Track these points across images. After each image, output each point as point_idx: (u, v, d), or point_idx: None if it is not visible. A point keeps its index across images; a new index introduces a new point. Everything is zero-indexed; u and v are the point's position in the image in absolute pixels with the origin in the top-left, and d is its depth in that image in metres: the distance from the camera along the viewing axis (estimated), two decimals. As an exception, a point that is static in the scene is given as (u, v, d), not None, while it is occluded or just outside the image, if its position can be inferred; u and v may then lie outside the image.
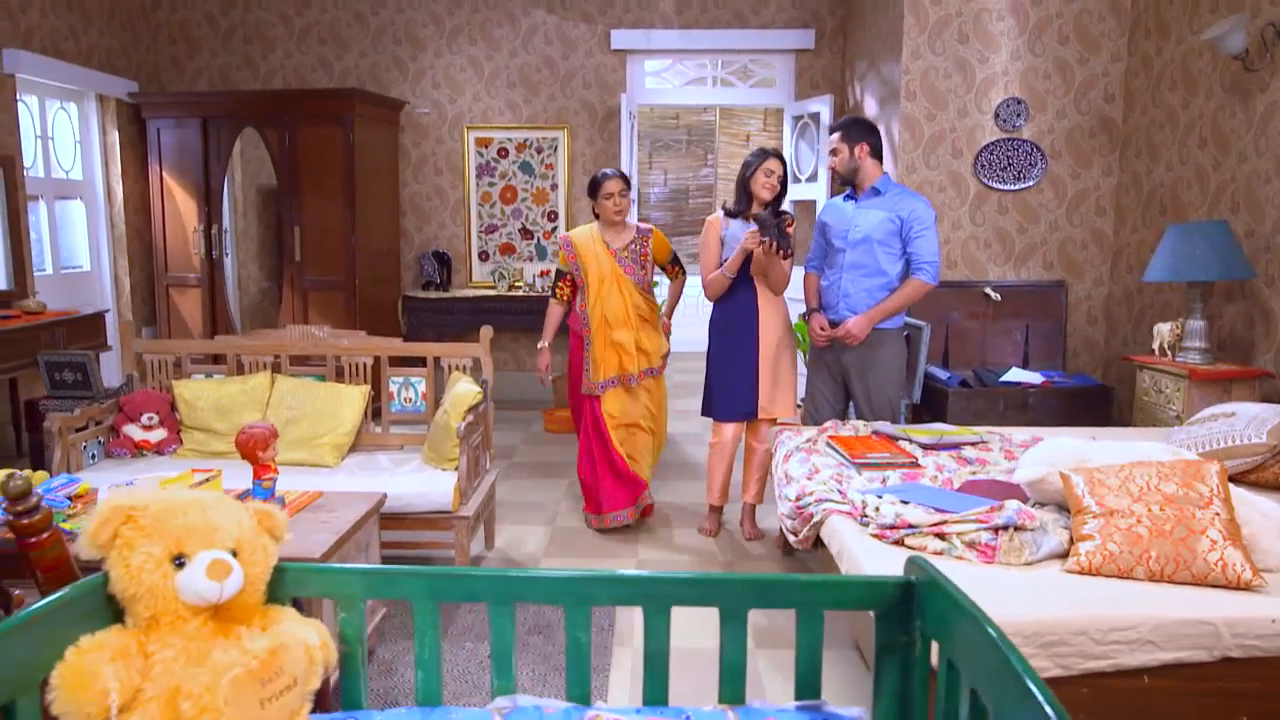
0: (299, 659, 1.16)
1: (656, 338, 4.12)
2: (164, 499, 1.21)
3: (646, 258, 4.06)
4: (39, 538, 1.18)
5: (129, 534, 1.17)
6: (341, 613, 1.28)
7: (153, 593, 1.15)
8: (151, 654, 1.11)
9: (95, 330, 5.12)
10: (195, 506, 1.21)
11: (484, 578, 1.31)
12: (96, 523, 1.17)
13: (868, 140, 3.68)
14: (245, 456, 2.66)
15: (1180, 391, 3.88)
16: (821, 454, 3.26)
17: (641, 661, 1.29)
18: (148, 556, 1.15)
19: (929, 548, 2.33)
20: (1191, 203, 4.47)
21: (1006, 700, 0.91)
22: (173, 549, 1.17)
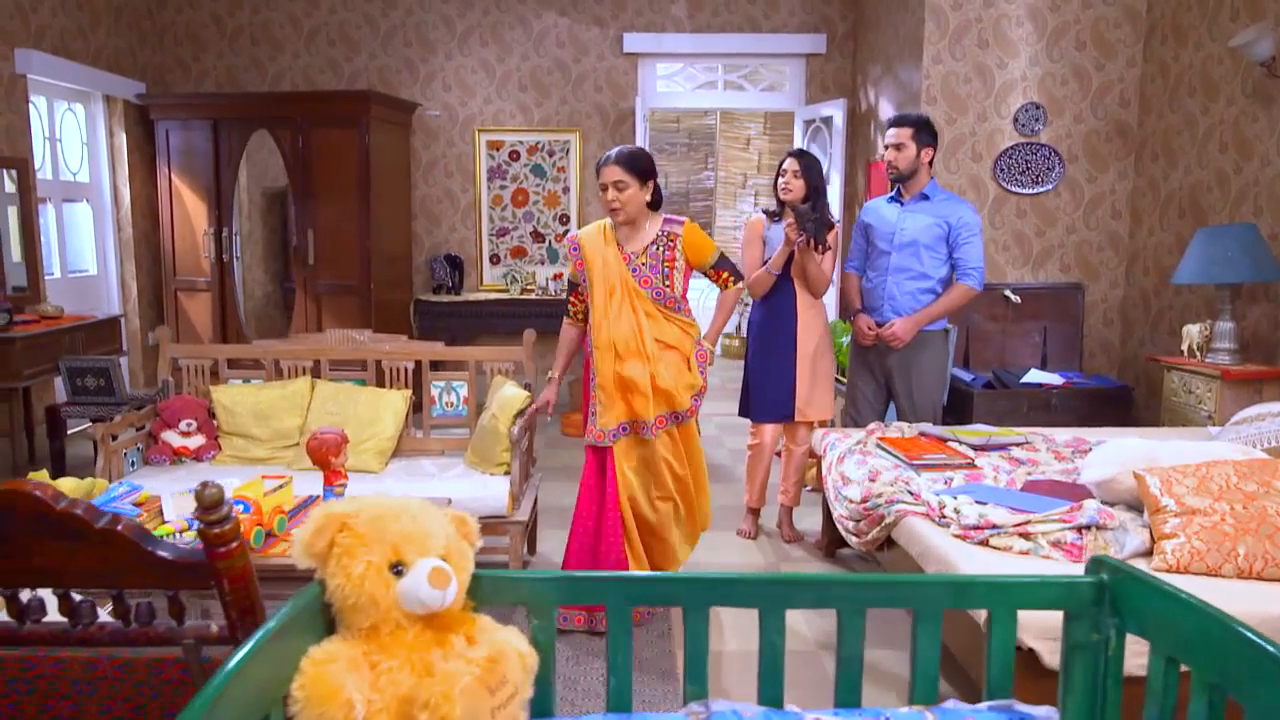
0: (516, 666, 1.15)
1: (683, 371, 3.09)
2: (374, 505, 1.19)
3: (673, 263, 3.06)
4: (228, 548, 1.16)
5: (346, 542, 1.15)
6: (534, 619, 1.27)
7: (374, 602, 1.13)
8: (376, 664, 1.10)
9: (111, 335, 5.03)
10: (406, 513, 1.19)
11: (680, 581, 1.31)
12: (312, 531, 1.15)
13: (934, 145, 3.72)
14: (317, 462, 2.63)
15: (1212, 392, 3.95)
16: (875, 456, 3.28)
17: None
18: (368, 565, 1.14)
19: (1014, 547, 2.35)
20: (1212, 206, 4.55)
21: (1259, 690, 0.92)
22: (390, 556, 1.15)
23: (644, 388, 3.01)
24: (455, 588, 1.17)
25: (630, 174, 2.95)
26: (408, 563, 1.16)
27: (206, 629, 1.26)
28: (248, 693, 0.95)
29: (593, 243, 3.12)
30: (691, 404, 3.11)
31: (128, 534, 1.18)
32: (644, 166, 3.00)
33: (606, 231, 3.12)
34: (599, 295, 3.06)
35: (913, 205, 3.75)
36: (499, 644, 1.16)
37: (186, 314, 6.29)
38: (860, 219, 4.01)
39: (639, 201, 3.00)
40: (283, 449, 3.74)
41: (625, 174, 2.95)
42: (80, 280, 6.00)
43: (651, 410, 3.03)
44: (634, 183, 2.96)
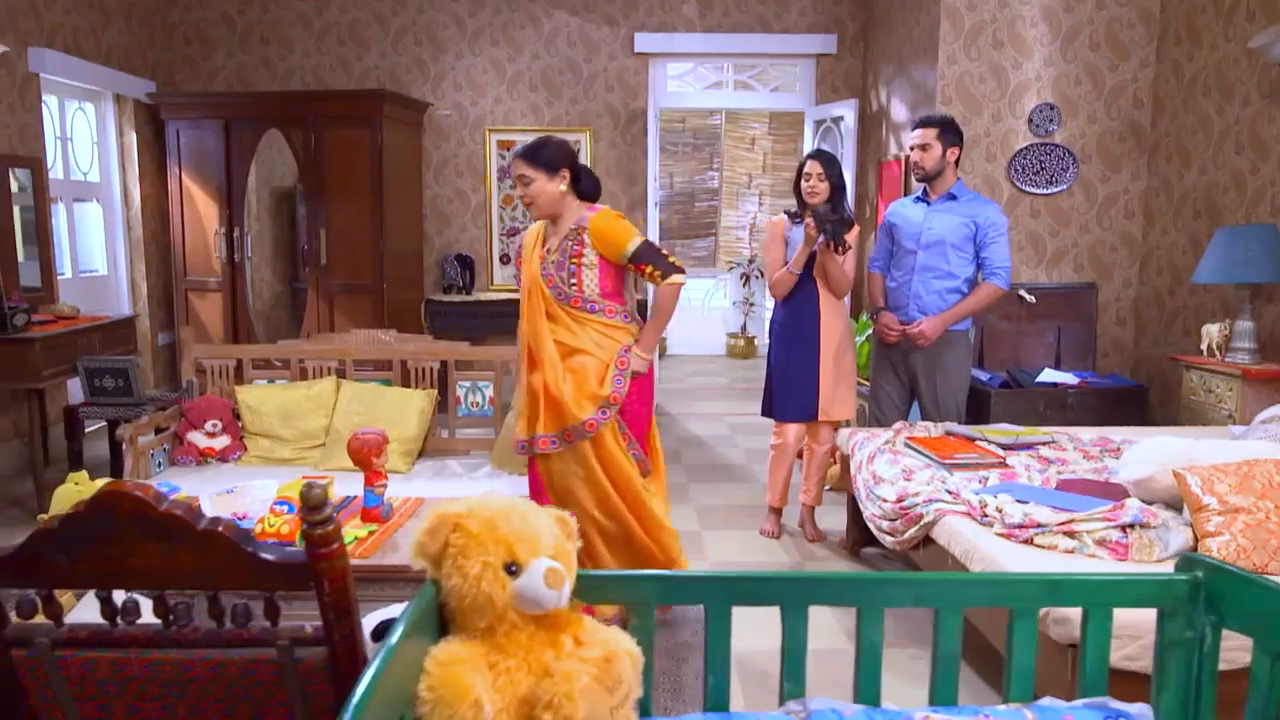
0: (628, 666, 1.15)
1: (585, 381, 2.82)
2: (484, 505, 1.19)
3: (580, 258, 2.82)
4: (330, 548, 1.16)
5: (460, 542, 1.15)
6: (633, 619, 1.27)
7: (491, 602, 1.13)
8: (494, 664, 1.09)
9: (126, 335, 5.01)
10: (515, 512, 1.19)
11: (777, 580, 1.32)
12: (426, 533, 1.15)
13: (959, 145, 3.74)
14: (358, 462, 2.63)
15: (1233, 391, 3.97)
16: (906, 455, 3.29)
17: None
18: (484, 565, 1.14)
19: (1060, 546, 2.36)
20: (1228, 207, 4.58)
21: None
22: (505, 556, 1.15)
23: (538, 397, 2.84)
24: (569, 587, 1.17)
25: (533, 166, 2.79)
26: (522, 563, 1.16)
27: (301, 630, 1.25)
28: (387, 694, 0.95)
29: (529, 241, 3.00)
30: (588, 418, 2.79)
31: (229, 535, 1.18)
32: (548, 157, 2.81)
33: (543, 229, 2.99)
34: (522, 296, 2.97)
35: (940, 205, 3.77)
36: (610, 643, 1.16)
37: (197, 314, 6.26)
38: (885, 219, 4.02)
39: (550, 194, 2.82)
40: (308, 449, 3.73)
41: (528, 167, 2.80)
42: (90, 280, 5.97)
43: (539, 425, 2.83)
44: (539, 175, 2.79)
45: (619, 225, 2.87)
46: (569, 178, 2.85)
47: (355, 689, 0.85)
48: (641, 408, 3.00)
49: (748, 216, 9.72)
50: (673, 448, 5.69)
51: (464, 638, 1.15)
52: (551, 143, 2.86)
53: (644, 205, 6.85)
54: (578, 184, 2.89)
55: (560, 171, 2.82)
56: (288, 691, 1.29)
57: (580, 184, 2.90)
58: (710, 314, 9.78)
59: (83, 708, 1.31)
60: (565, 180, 2.84)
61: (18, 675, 1.28)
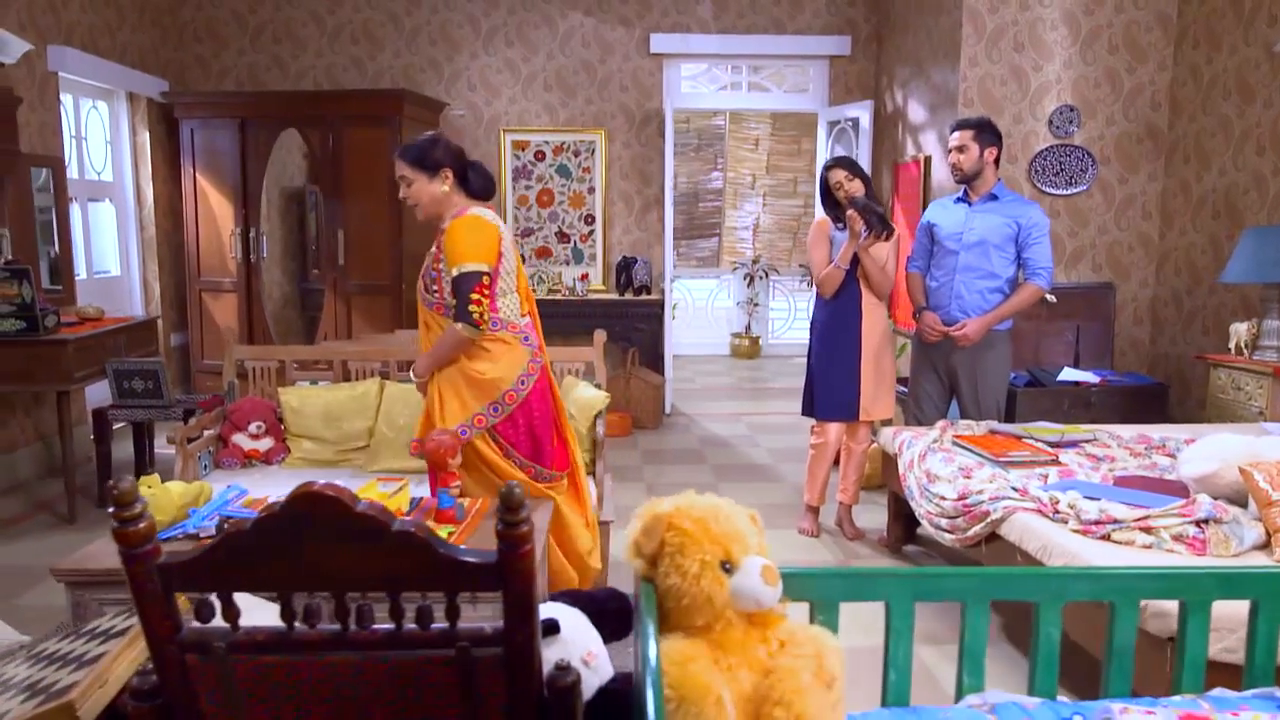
0: (837, 661, 1.16)
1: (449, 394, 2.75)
2: (693, 504, 1.19)
3: (439, 264, 2.74)
4: (524, 549, 1.16)
5: (677, 541, 1.15)
6: (819, 616, 1.28)
7: (710, 600, 1.13)
8: (717, 661, 1.10)
9: (149, 337, 4.96)
10: (721, 512, 1.19)
11: (961, 576, 1.33)
12: (642, 532, 1.15)
13: (997, 146, 3.77)
14: (434, 464, 2.62)
15: (1263, 389, 4.04)
16: (958, 453, 3.32)
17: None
18: (703, 564, 1.14)
19: (1136, 541, 2.40)
20: (1249, 208, 4.66)
21: None
22: (720, 555, 1.16)
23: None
24: (781, 585, 1.18)
25: (412, 167, 2.71)
26: (735, 561, 1.17)
27: (481, 630, 1.25)
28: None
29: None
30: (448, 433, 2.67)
31: (422, 536, 1.17)
32: (427, 158, 2.71)
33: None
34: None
35: (981, 205, 3.80)
36: (819, 640, 1.17)
37: (211, 315, 6.20)
38: (924, 220, 4.05)
39: (431, 195, 2.73)
40: (352, 451, 3.71)
41: (407, 168, 2.72)
42: (103, 281, 5.90)
43: (419, 428, 2.80)
44: (419, 176, 2.70)
45: (466, 241, 2.65)
46: (452, 177, 2.74)
47: (643, 697, 0.85)
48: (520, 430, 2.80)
49: (751, 217, 9.76)
50: (695, 448, 5.71)
51: (683, 635, 1.15)
52: (430, 143, 2.75)
53: (658, 206, 6.86)
54: (465, 183, 2.78)
55: (441, 171, 2.72)
56: (460, 692, 1.28)
57: (469, 183, 2.78)
58: (714, 314, 9.81)
59: (251, 711, 1.30)
60: (448, 180, 2.74)
61: (190, 679, 1.27)
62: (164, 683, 1.28)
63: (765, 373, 8.45)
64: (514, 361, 2.77)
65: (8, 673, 1.68)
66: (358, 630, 1.25)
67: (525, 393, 2.78)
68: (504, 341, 2.77)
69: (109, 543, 2.48)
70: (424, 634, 1.25)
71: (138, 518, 1.17)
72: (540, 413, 2.85)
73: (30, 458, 4.90)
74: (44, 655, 1.66)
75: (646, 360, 6.34)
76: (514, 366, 2.76)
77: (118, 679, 1.50)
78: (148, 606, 1.22)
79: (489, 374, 2.73)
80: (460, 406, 2.74)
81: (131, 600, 1.22)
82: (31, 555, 3.81)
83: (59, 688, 1.42)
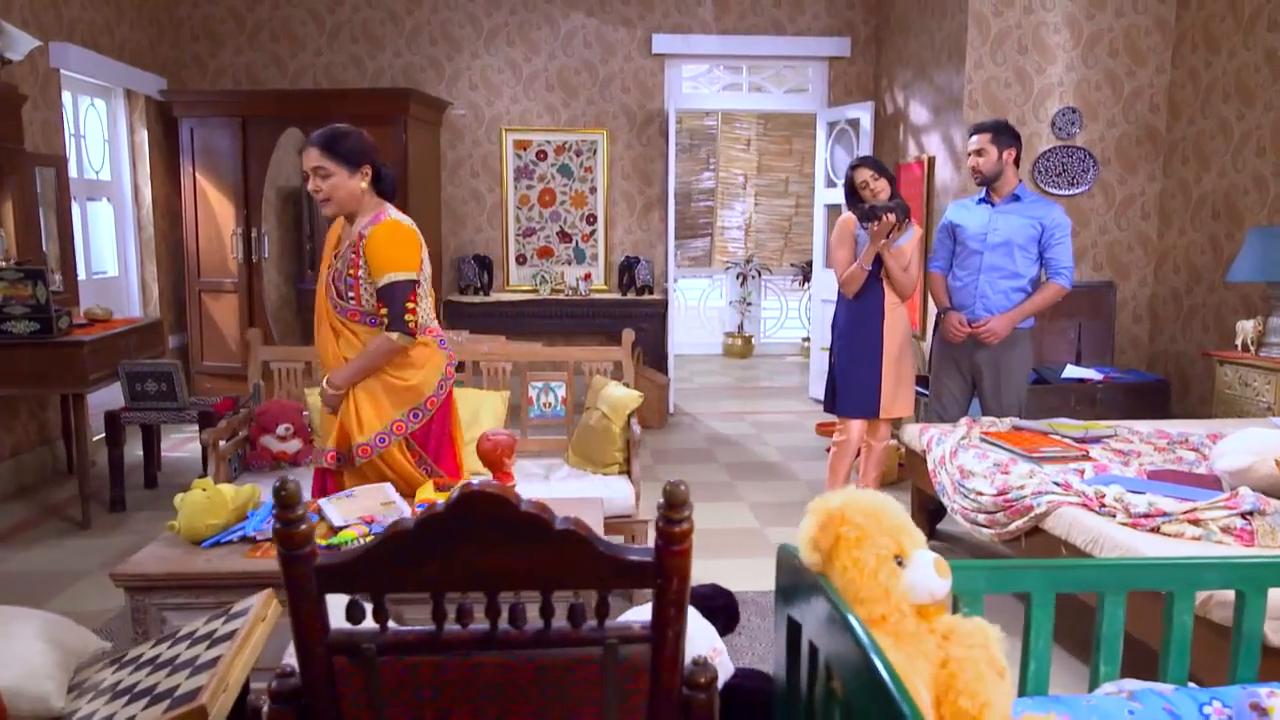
0: (1001, 651, 1.18)
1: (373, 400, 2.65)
2: (861, 499, 1.21)
3: (357, 270, 2.57)
4: (682, 546, 1.18)
5: (853, 535, 1.17)
6: (964, 609, 1.30)
7: (886, 593, 1.15)
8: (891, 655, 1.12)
9: (156, 339, 4.88)
10: (888, 506, 1.21)
11: (1099, 568, 1.36)
12: (817, 528, 1.16)
13: (1015, 146, 3.83)
14: (490, 464, 2.62)
15: (1271, 385, 4.15)
16: (990, 449, 3.38)
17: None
18: (879, 558, 1.16)
19: (1186, 534, 2.45)
20: (1249, 208, 4.77)
21: None
22: (894, 549, 1.18)
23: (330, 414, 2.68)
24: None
25: (333, 159, 2.50)
26: (906, 554, 1.19)
27: (629, 628, 1.26)
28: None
29: (330, 241, 2.72)
30: (366, 443, 2.61)
31: (583, 534, 1.18)
32: (350, 149, 2.52)
33: (341, 229, 2.70)
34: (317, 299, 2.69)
35: (1005, 206, 3.86)
36: (986, 630, 1.19)
37: (211, 316, 6.12)
38: (945, 220, 4.11)
39: (350, 191, 2.54)
40: (380, 453, 3.68)
41: (327, 159, 2.50)
42: (101, 282, 5.80)
43: (333, 438, 2.67)
44: (339, 169, 2.51)
45: (392, 248, 2.54)
46: (371, 174, 2.58)
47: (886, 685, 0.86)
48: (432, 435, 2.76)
49: (742, 216, 9.81)
50: (704, 447, 5.74)
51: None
52: (353, 134, 2.57)
53: (659, 206, 6.88)
54: (379, 182, 2.63)
55: (362, 167, 2.55)
56: (604, 690, 1.29)
57: (381, 182, 2.64)
58: (707, 313, 9.85)
59: (394, 713, 1.30)
60: (367, 177, 2.57)
61: (335, 681, 1.27)
62: (308, 685, 1.28)
63: (760, 372, 8.50)
64: (435, 366, 2.71)
65: (106, 678, 1.66)
66: (508, 630, 1.25)
67: (443, 397, 2.73)
68: (425, 345, 2.69)
69: (163, 546, 2.47)
70: (572, 632, 1.26)
71: (300, 519, 1.17)
72: (448, 417, 2.80)
73: (35, 462, 4.81)
74: (143, 661, 1.65)
75: (649, 360, 6.36)
76: (435, 371, 2.71)
77: (236, 682, 1.49)
78: (302, 608, 1.21)
79: (412, 380, 2.65)
80: (377, 415, 2.62)
81: (188, 600, 1.21)
82: (50, 561, 3.74)
83: (183, 692, 1.41)
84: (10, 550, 3.85)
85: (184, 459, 5.32)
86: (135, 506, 4.41)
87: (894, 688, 0.80)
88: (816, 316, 6.82)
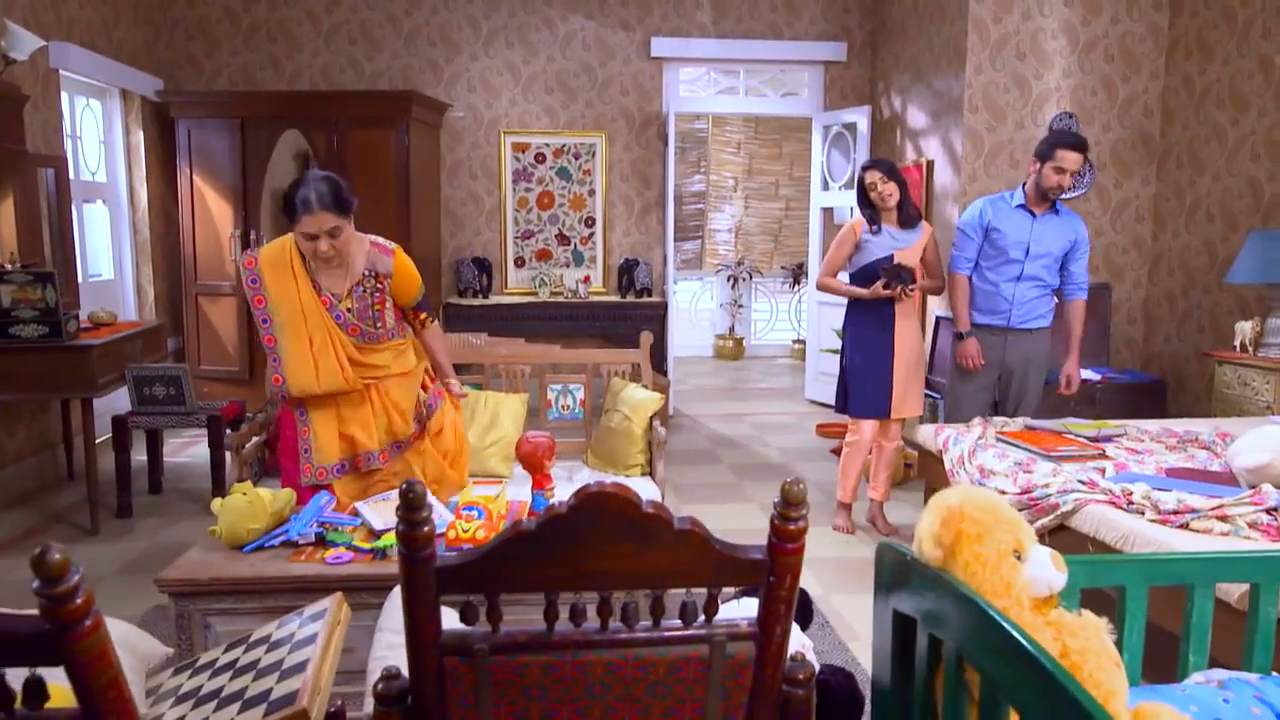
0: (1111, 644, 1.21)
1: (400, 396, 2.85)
2: (976, 495, 1.23)
3: (383, 305, 2.69)
4: (796, 544, 1.20)
5: (974, 531, 1.19)
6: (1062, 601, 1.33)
7: (1008, 586, 1.18)
8: None
9: (158, 342, 4.83)
10: (1001, 502, 1.24)
11: (1190, 561, 1.40)
12: (941, 524, 1.19)
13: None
14: (530, 466, 2.62)
15: (1270, 384, 4.24)
16: (1006, 449, 3.43)
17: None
18: (999, 553, 1.18)
19: (1215, 529, 2.51)
20: (1243, 212, 4.88)
21: None
22: (1012, 544, 1.20)
23: (363, 419, 2.73)
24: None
25: (343, 214, 2.49)
26: (1024, 548, 1.22)
27: (736, 625, 1.28)
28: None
29: (278, 274, 2.58)
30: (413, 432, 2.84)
31: (700, 533, 1.20)
32: (349, 196, 2.53)
33: (294, 262, 2.58)
34: (291, 343, 2.60)
35: (1046, 218, 3.88)
36: (1097, 623, 1.22)
37: (209, 320, 6.06)
38: (980, 219, 3.96)
39: (350, 236, 2.56)
40: (399, 456, 3.67)
41: (339, 217, 2.47)
42: (97, 285, 5.72)
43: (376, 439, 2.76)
44: (348, 222, 2.51)
45: (413, 273, 2.74)
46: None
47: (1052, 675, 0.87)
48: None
49: (733, 219, 9.86)
50: (708, 449, 5.77)
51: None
52: (343, 182, 2.55)
53: (658, 208, 6.91)
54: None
55: (352, 211, 2.55)
56: (708, 688, 1.31)
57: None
58: (698, 316, 9.89)
59: (500, 712, 1.31)
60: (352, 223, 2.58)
61: (444, 682, 1.27)
62: (416, 686, 1.28)
63: (752, 373, 8.55)
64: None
65: (182, 684, 1.65)
66: (620, 628, 1.26)
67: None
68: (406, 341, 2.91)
69: (204, 551, 2.45)
70: (680, 630, 1.28)
71: (425, 521, 1.18)
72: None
73: (36, 468, 4.74)
74: (220, 667, 1.64)
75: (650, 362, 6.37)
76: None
77: (326, 685, 1.49)
78: (420, 609, 1.22)
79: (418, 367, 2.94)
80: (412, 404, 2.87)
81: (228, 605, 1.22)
82: (62, 568, 3.69)
83: (278, 696, 1.41)
84: (19, 558, 3.79)
85: (186, 464, 5.26)
86: (142, 512, 4.36)
87: (1061, 677, 0.83)
88: (813, 318, 6.87)
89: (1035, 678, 0.87)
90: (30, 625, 0.97)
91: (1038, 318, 3.98)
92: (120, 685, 1.03)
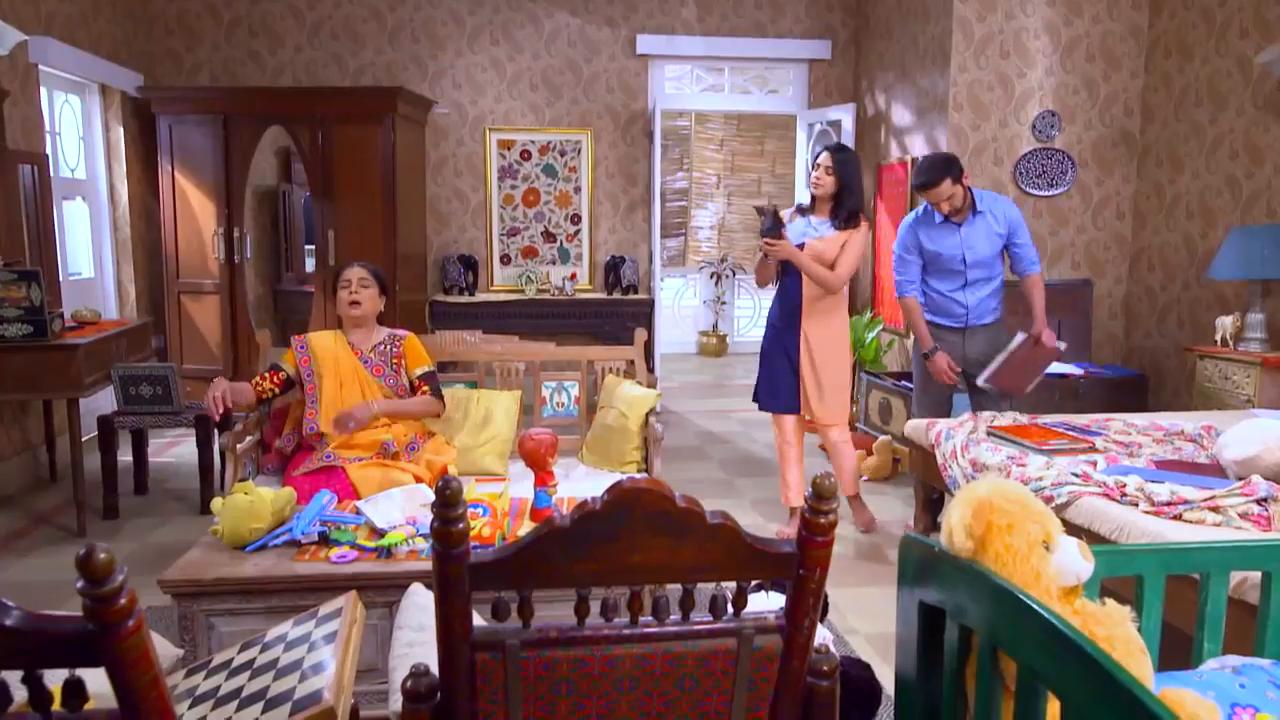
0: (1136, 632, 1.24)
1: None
2: (1004, 486, 1.25)
3: (400, 359, 3.40)
4: (826, 538, 1.22)
5: (1004, 522, 1.21)
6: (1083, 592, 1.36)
7: (1038, 576, 1.20)
8: None
9: (143, 341, 4.77)
10: (1028, 494, 1.26)
11: (1206, 550, 1.43)
12: (972, 516, 1.20)
13: (961, 170, 3.86)
14: (533, 463, 2.62)
15: (1250, 378, 4.33)
16: (999, 443, 3.47)
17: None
18: (1029, 543, 1.20)
19: (1207, 520, 2.56)
20: (1222, 209, 4.97)
21: None
22: (1041, 534, 1.22)
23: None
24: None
25: (374, 279, 3.37)
26: (1052, 539, 1.24)
27: (764, 619, 1.29)
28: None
29: (321, 339, 3.39)
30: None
31: (732, 527, 1.21)
32: (384, 279, 3.44)
33: (338, 337, 3.40)
34: (329, 387, 3.29)
35: (971, 223, 3.93)
36: (1123, 611, 1.24)
37: (191, 318, 5.99)
38: (910, 241, 4.03)
39: (376, 307, 3.38)
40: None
41: (370, 276, 3.36)
42: (77, 284, 5.64)
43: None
44: (375, 286, 3.37)
45: (422, 349, 3.46)
46: (384, 303, 3.43)
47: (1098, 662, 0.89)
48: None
49: (715, 216, 9.88)
50: (696, 445, 5.79)
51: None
52: (383, 272, 3.47)
53: (643, 205, 6.92)
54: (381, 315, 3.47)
55: (384, 295, 3.43)
56: (735, 680, 1.32)
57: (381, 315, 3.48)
58: (681, 312, 9.91)
59: (529, 707, 1.31)
60: (383, 303, 3.42)
61: (475, 678, 1.28)
62: (447, 682, 1.29)
63: (737, 370, 8.58)
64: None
65: (198, 684, 1.64)
66: (650, 622, 1.27)
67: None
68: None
69: (206, 551, 2.43)
70: (710, 624, 1.29)
71: (460, 518, 1.18)
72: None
73: (19, 469, 4.67)
74: (236, 667, 1.63)
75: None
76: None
77: (349, 684, 1.49)
78: (452, 606, 1.22)
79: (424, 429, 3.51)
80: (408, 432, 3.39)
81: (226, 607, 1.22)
82: (50, 570, 3.64)
83: (302, 696, 1.40)
84: (7, 560, 3.74)
85: (171, 464, 5.20)
86: (129, 514, 4.31)
87: (1106, 662, 0.85)
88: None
89: (1078, 664, 0.89)
90: (73, 625, 0.97)
91: (990, 311, 4.10)
92: (160, 686, 1.02)
